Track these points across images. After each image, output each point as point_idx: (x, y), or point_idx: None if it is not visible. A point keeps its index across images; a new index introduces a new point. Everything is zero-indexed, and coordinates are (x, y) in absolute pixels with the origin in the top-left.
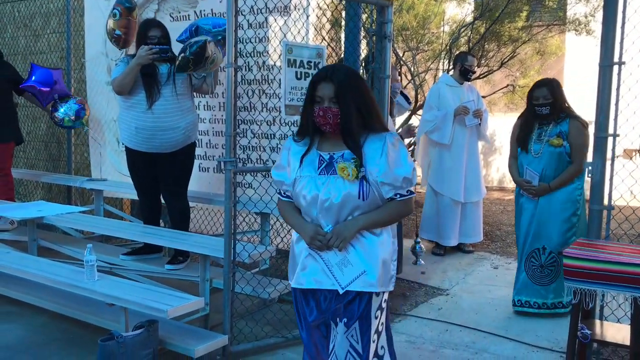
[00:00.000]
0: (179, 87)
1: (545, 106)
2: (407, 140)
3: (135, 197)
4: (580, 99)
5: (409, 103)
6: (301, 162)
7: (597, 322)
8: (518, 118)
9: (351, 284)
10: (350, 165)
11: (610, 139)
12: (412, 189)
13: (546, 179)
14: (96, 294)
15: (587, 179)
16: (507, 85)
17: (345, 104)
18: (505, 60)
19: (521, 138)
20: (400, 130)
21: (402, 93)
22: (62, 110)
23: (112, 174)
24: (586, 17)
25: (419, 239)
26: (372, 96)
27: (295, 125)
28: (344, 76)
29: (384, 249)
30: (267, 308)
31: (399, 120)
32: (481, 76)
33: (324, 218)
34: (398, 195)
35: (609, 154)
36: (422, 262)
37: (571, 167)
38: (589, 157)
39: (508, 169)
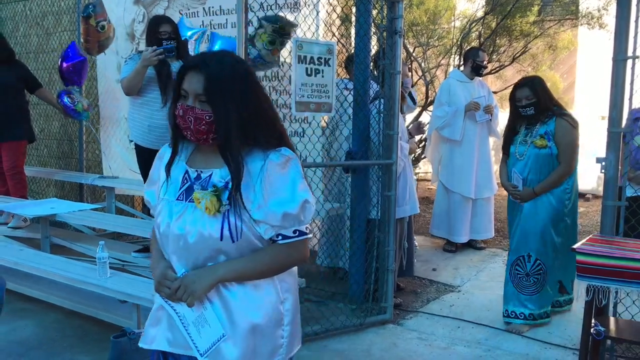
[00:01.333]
0: None
1: (528, 107)
2: (417, 137)
3: None
4: (593, 94)
5: (415, 103)
6: (168, 176)
7: (611, 318)
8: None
9: (210, 351)
10: (207, 196)
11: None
12: (305, 228)
13: (531, 182)
14: (108, 291)
15: (580, 180)
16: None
17: (217, 105)
18: (517, 55)
19: (504, 141)
20: (410, 127)
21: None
22: (76, 96)
23: (124, 171)
24: (599, 10)
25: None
26: (262, 96)
27: (305, 122)
28: (219, 67)
29: (259, 309)
30: None
31: (409, 117)
32: (492, 71)
33: (178, 260)
34: (280, 237)
35: (622, 149)
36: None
37: (559, 169)
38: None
39: (499, 172)
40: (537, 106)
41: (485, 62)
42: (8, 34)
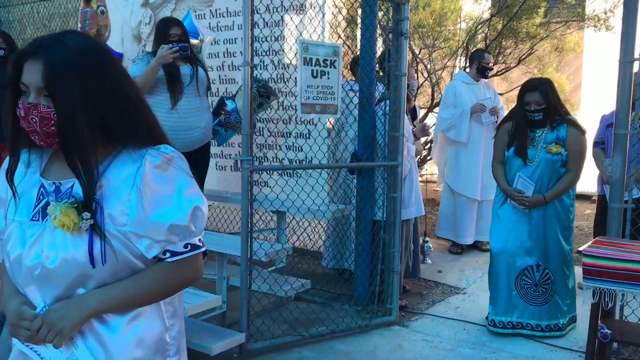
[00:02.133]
0: (200, 88)
1: (537, 112)
2: (423, 139)
3: None
4: (599, 96)
5: (416, 117)
6: (15, 193)
7: (618, 321)
8: (504, 121)
9: None
10: (59, 209)
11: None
12: (197, 240)
13: (541, 189)
14: None
15: (585, 182)
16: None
17: (60, 99)
18: (523, 57)
19: (519, 147)
20: (414, 129)
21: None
22: None
23: None
24: (605, 13)
25: (427, 238)
26: (124, 84)
27: (311, 123)
28: (62, 50)
29: (141, 342)
30: (284, 306)
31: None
32: (498, 73)
33: (37, 291)
34: (168, 254)
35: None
36: (429, 261)
37: (568, 176)
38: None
39: (493, 175)
40: (546, 112)
41: (490, 64)
42: (16, 35)
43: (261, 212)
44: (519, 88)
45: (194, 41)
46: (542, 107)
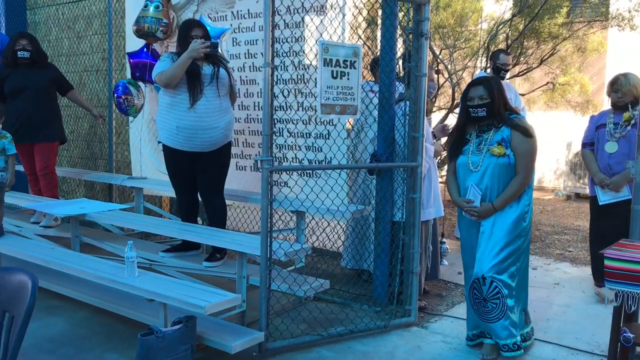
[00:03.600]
0: (221, 89)
1: (481, 107)
2: (443, 140)
3: (174, 195)
4: None
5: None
6: None
7: None
8: (453, 132)
9: None
10: None
11: None
12: None
13: (491, 196)
14: (136, 290)
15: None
16: (547, 83)
17: None
18: (545, 57)
19: (452, 149)
20: (434, 129)
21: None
22: (135, 90)
23: (152, 172)
24: (630, 12)
25: (443, 239)
26: None
27: (331, 124)
28: None
29: None
30: (303, 306)
31: (435, 117)
32: (520, 74)
33: None
34: None
35: None
36: (446, 262)
37: (516, 179)
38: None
39: (446, 187)
40: (490, 108)
41: (507, 65)
42: (41, 37)
43: (281, 212)
44: (541, 89)
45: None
46: (485, 102)
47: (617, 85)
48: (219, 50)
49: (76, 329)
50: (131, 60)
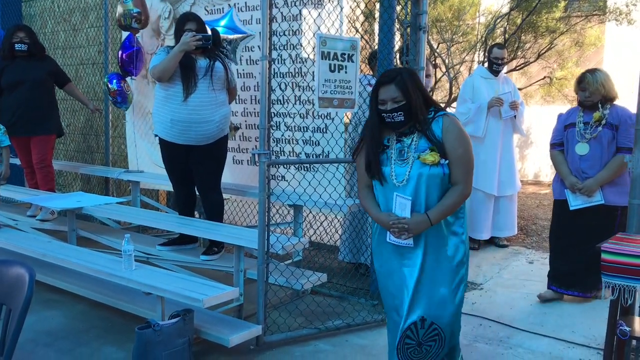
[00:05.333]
0: (216, 82)
1: (396, 111)
2: None
3: (171, 189)
4: (620, 91)
5: None
6: None
7: (637, 318)
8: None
9: None
10: None
11: None
12: None
13: (420, 211)
14: (133, 283)
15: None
16: (544, 77)
17: None
18: (542, 51)
19: (369, 162)
20: None
21: None
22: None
23: (148, 165)
24: (627, 6)
25: None
26: None
27: (328, 117)
28: None
29: None
30: (300, 299)
31: None
32: (517, 68)
33: None
34: None
35: None
36: None
37: (456, 189)
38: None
39: (361, 203)
40: (407, 110)
41: (500, 59)
42: (36, 30)
43: (278, 205)
44: (538, 83)
45: (230, 36)
46: (400, 104)
47: (584, 84)
48: (228, 48)
49: (74, 323)
50: (119, 54)
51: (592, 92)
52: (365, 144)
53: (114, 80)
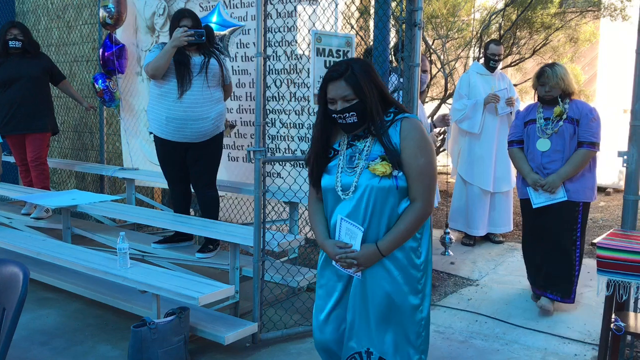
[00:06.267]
0: (211, 79)
1: (348, 112)
2: (437, 129)
3: (166, 186)
4: (615, 87)
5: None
6: None
7: (632, 314)
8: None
9: None
10: None
11: None
12: None
13: (369, 235)
14: (129, 281)
15: (600, 174)
16: None
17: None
18: (538, 47)
19: (311, 169)
20: (434, 118)
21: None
22: (114, 82)
23: (143, 163)
24: (622, 2)
25: (448, 230)
26: None
27: None
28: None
29: None
30: (296, 296)
31: (429, 107)
32: (512, 64)
33: None
34: None
35: None
36: (451, 253)
37: (413, 209)
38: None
39: (309, 218)
40: (361, 111)
41: (498, 55)
42: (30, 26)
43: (274, 203)
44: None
45: (222, 32)
46: (352, 103)
47: (544, 78)
48: (221, 45)
49: (69, 321)
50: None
51: (552, 86)
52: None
53: (100, 80)
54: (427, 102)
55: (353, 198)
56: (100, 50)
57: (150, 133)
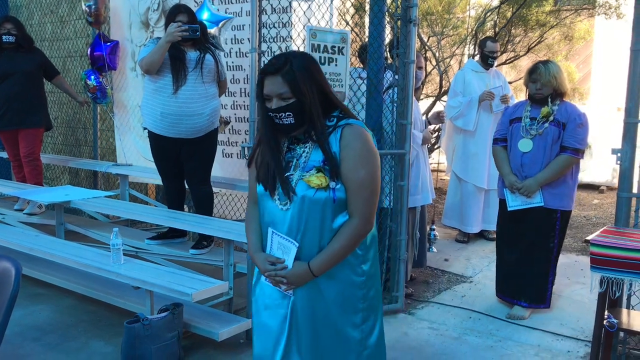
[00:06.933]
0: (206, 75)
1: (284, 111)
2: (432, 126)
3: (160, 182)
4: (609, 85)
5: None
6: None
7: (624, 311)
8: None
9: None
10: None
11: None
12: None
13: (303, 251)
14: (122, 277)
15: (595, 172)
16: None
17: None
18: (532, 45)
19: (267, 171)
20: (429, 115)
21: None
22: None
23: (137, 159)
24: (617, 0)
25: (434, 226)
26: None
27: None
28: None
29: None
30: None
31: (423, 104)
32: (507, 61)
33: None
34: None
35: (639, 141)
36: (435, 249)
37: (349, 226)
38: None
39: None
40: (298, 111)
41: (495, 53)
42: (23, 21)
43: None
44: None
45: (211, 30)
46: (290, 102)
47: (536, 75)
48: (218, 37)
49: (62, 317)
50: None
51: (544, 83)
52: (261, 147)
53: (92, 76)
54: (422, 99)
55: (287, 210)
56: (89, 50)
57: (145, 129)
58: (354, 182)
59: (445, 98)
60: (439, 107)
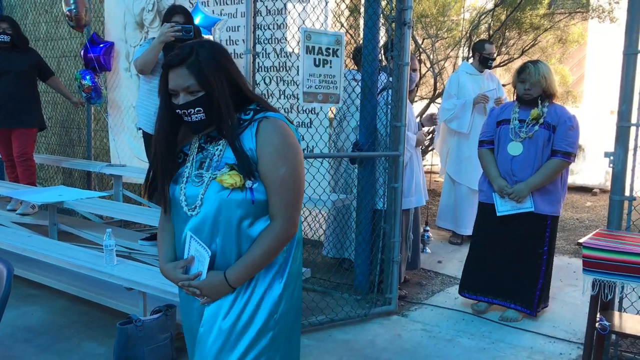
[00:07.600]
0: None
1: (192, 107)
2: (426, 129)
3: None
4: (602, 88)
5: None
6: None
7: (616, 313)
8: None
9: None
10: None
11: (633, 129)
12: None
13: (223, 258)
14: (115, 278)
15: (587, 175)
16: None
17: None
18: (526, 48)
19: (153, 176)
20: (422, 117)
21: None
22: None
23: (131, 159)
24: (610, 4)
25: (427, 227)
26: None
27: (313, 112)
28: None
29: None
30: None
31: (417, 106)
32: (501, 64)
33: None
34: None
35: (631, 144)
36: (429, 250)
37: (271, 231)
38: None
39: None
40: (207, 106)
41: (493, 55)
42: (17, 21)
43: None
44: None
45: (207, 37)
46: (198, 96)
47: (525, 75)
48: (215, 37)
49: (54, 318)
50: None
51: (533, 83)
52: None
53: (87, 76)
54: (416, 101)
55: (199, 214)
56: (82, 51)
57: (139, 129)
58: (273, 181)
59: (439, 100)
60: (433, 109)
